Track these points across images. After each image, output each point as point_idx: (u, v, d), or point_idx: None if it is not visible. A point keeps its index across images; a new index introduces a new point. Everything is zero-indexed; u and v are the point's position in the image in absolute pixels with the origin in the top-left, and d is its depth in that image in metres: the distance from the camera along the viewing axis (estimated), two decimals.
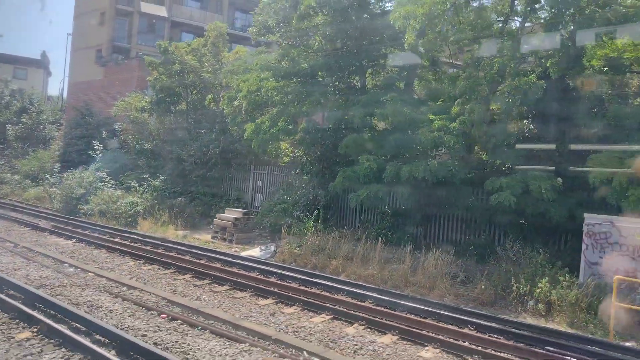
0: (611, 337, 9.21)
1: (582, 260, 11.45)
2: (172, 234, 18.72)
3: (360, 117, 14.68)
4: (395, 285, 12.23)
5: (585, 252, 11.47)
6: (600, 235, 11.37)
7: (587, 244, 11.50)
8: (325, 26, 16.17)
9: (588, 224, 11.54)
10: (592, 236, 11.46)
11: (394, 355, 7.63)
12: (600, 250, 11.34)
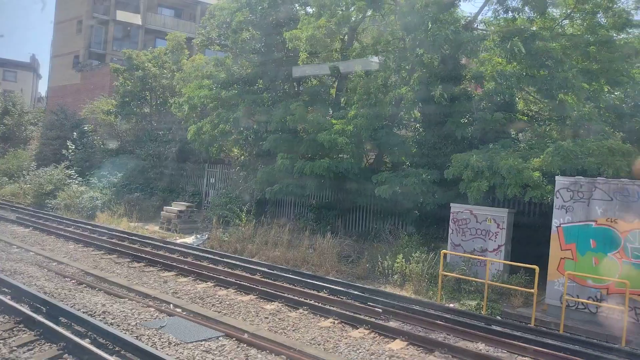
0: (439, 299, 11.35)
1: (449, 242, 13.58)
2: (125, 225, 20.78)
3: (277, 121, 16.82)
4: (295, 265, 14.38)
5: (450, 236, 13.62)
6: (462, 221, 13.50)
7: (452, 228, 13.64)
8: (253, 41, 18.30)
9: (453, 212, 13.68)
10: (456, 222, 13.59)
11: (243, 307, 9.77)
12: (462, 233, 13.46)
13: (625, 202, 9.80)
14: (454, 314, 10.35)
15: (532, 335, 9.10)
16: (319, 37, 13.46)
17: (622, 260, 9.72)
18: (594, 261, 10.04)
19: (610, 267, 9.82)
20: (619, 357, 8.10)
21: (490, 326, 9.47)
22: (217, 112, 19.27)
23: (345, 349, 7.86)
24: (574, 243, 10.35)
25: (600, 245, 10.00)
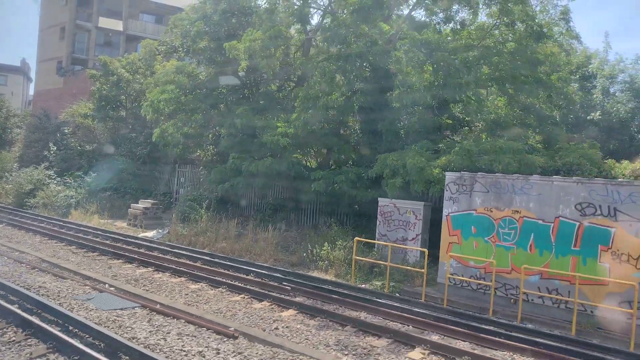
0: (352, 281, 12.90)
1: (377, 232, 15.11)
2: (95, 222, 22.30)
3: (229, 124, 18.36)
4: (239, 254, 15.92)
5: (378, 227, 15.16)
6: (387, 213, 15.04)
7: (379, 220, 15.19)
8: (209, 50, 19.84)
9: (380, 205, 15.23)
10: (382, 214, 15.13)
11: (170, 287, 11.31)
12: (388, 224, 15.00)
13: (498, 194, 11.38)
14: (359, 292, 11.89)
15: (410, 306, 10.64)
16: (256, 49, 15.01)
17: (496, 243, 11.30)
18: (475, 245, 11.62)
19: (487, 250, 11.40)
20: (480, 324, 9.61)
21: (380, 299, 11.01)
22: (179, 115, 20.81)
23: (242, 316, 9.41)
24: (459, 229, 11.93)
25: (479, 231, 11.58)
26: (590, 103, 24.09)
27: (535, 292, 10.63)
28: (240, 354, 7.14)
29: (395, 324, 9.51)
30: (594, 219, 10.06)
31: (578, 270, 10.08)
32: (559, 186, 10.58)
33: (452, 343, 8.49)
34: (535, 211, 10.83)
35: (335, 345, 8.07)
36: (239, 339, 8.00)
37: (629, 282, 9.26)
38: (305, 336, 8.43)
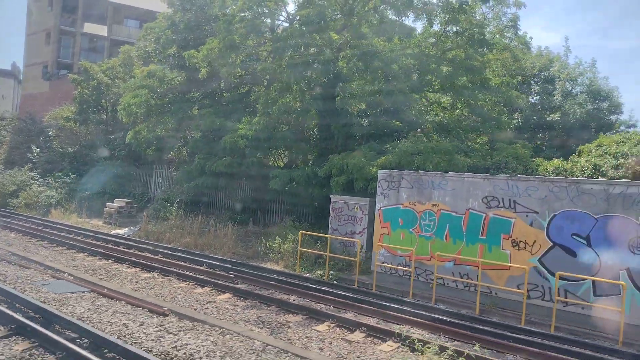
0: (298, 270, 14.05)
1: (329, 227, 16.26)
2: (73, 220, 23.39)
3: (194, 126, 19.51)
4: (201, 249, 17.05)
5: (330, 222, 16.30)
6: (338, 209, 16.16)
7: (332, 216, 16.32)
8: (178, 57, 20.98)
9: (333, 202, 16.36)
10: (334, 210, 16.27)
11: (124, 276, 12.43)
12: (339, 219, 16.13)
13: (420, 189, 12.58)
14: (300, 279, 13.05)
15: (338, 290, 11.80)
16: (213, 57, 16.17)
17: (418, 234, 12.50)
18: (402, 235, 12.81)
19: (411, 240, 12.59)
20: (390, 303, 10.77)
21: (313, 285, 12.17)
22: (151, 118, 21.95)
23: (180, 299, 10.56)
24: (389, 222, 13.13)
25: (405, 222, 12.77)
26: (550, 105, 25.40)
27: (450, 277, 11.83)
28: (162, 325, 8.29)
29: (318, 305, 10.66)
30: (497, 210, 11.27)
31: (485, 256, 11.29)
32: (469, 182, 11.78)
33: (359, 319, 9.66)
34: (450, 204, 12.03)
35: (254, 321, 9.23)
36: (170, 316, 9.15)
37: (521, 266, 10.47)
38: (230, 314, 9.60)
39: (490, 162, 15.31)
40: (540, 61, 27.59)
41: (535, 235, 10.66)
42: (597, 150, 14.06)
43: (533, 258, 10.66)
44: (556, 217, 10.39)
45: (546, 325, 9.86)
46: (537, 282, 10.52)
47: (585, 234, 10.02)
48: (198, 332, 8.23)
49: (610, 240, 9.71)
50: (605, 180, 10.43)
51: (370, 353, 7.94)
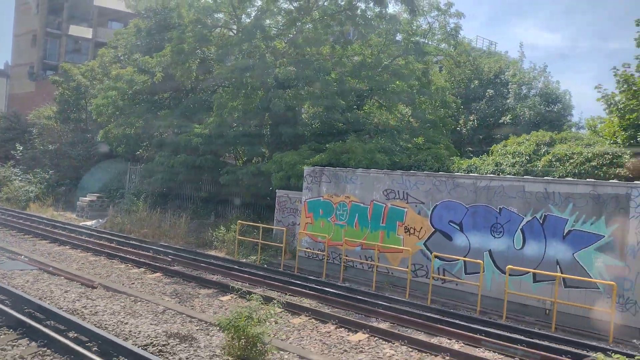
0: (236, 256, 15.69)
1: (275, 219, 17.88)
2: (49, 213, 25.01)
3: (157, 126, 21.14)
4: (158, 238, 18.67)
5: (276, 214, 17.91)
6: (283, 202, 17.76)
7: (277, 208, 17.92)
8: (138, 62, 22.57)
9: (278, 196, 17.96)
10: (279, 203, 17.87)
11: (74, 259, 14.05)
12: (283, 212, 17.75)
13: (337, 183, 14.22)
14: (234, 264, 14.67)
15: (260, 271, 13.43)
16: (166, 63, 17.82)
17: (335, 222, 14.14)
18: (322, 224, 14.46)
19: (329, 228, 14.24)
20: (295, 280, 12.40)
21: (238, 267, 13.81)
22: (120, 118, 23.56)
23: (114, 276, 12.19)
24: (312, 212, 14.77)
25: (325, 213, 14.42)
26: (504, 107, 27.06)
27: (358, 260, 13.48)
28: (84, 294, 9.93)
29: (235, 282, 12.29)
30: (394, 201, 12.92)
31: (384, 241, 12.94)
32: (374, 177, 13.43)
33: (266, 293, 11.29)
34: (359, 196, 13.67)
35: (170, 293, 10.87)
36: (98, 288, 10.78)
37: (406, 248, 12.12)
38: (151, 288, 11.24)
39: (412, 161, 16.98)
40: (496, 66, 29.26)
41: (421, 223, 12.31)
42: (502, 150, 15.69)
43: (420, 242, 12.31)
44: (437, 207, 12.05)
45: (425, 299, 11.51)
46: (423, 262, 12.17)
47: (458, 221, 11.67)
48: (114, 299, 9.87)
49: (477, 226, 11.36)
50: (474, 175, 12.09)
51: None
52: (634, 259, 9.33)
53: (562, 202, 10.15)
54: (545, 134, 15.10)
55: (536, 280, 10.36)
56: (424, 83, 19.87)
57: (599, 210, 9.73)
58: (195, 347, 7.23)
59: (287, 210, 17.68)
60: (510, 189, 10.87)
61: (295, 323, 9.26)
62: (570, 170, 13.36)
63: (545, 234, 10.33)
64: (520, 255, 10.65)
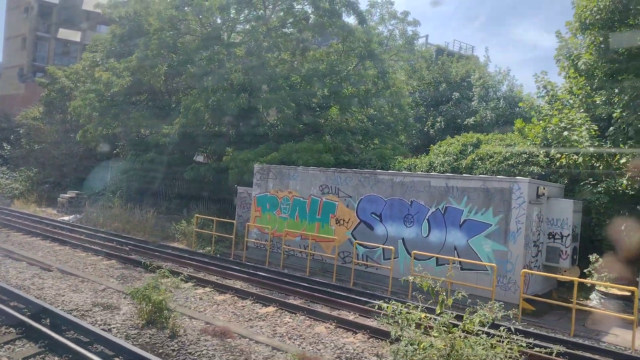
0: (194, 247, 17.02)
1: (236, 214, 19.21)
2: (32, 209, 26.35)
3: (130, 126, 22.50)
4: (128, 232, 20.01)
5: (237, 209, 19.26)
6: (243, 198, 19.12)
7: (238, 204, 19.29)
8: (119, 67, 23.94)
9: (239, 192, 19.33)
10: (240, 199, 19.23)
11: (40, 247, 15.39)
12: (243, 207, 19.09)
13: (281, 180, 15.57)
14: (189, 253, 16.00)
15: (215, 261, 14.78)
16: (134, 68, 19.19)
17: (279, 215, 15.49)
18: (268, 217, 15.80)
19: (274, 220, 15.58)
20: (233, 266, 13.74)
21: (188, 255, 15.14)
22: (96, 118, 24.90)
23: (73, 262, 13.52)
24: (261, 207, 16.12)
25: (271, 207, 15.76)
26: (470, 109, 28.42)
27: (297, 249, 14.82)
28: (38, 274, 11.28)
29: (182, 268, 13.61)
30: (328, 196, 14.26)
31: (320, 232, 14.28)
32: (312, 174, 14.78)
33: (206, 276, 12.62)
34: (299, 191, 15.02)
35: (117, 277, 12.21)
36: (54, 271, 12.10)
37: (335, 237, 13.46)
38: (102, 272, 12.58)
39: (358, 159, 18.34)
40: (463, 70, 30.64)
41: (349, 214, 13.66)
42: (437, 149, 17.03)
43: (348, 232, 13.67)
44: (362, 200, 13.40)
45: (349, 282, 12.85)
46: (350, 250, 13.51)
47: (379, 213, 13.02)
48: (64, 279, 11.22)
49: (393, 217, 12.71)
50: (391, 172, 13.47)
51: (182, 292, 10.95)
52: (514, 244, 10.68)
53: (459, 195, 11.50)
54: (473, 136, 16.45)
55: (439, 264, 11.70)
56: (380, 87, 21.21)
57: (487, 202, 11.08)
58: (115, 313, 8.58)
59: (247, 205, 18.99)
60: (419, 184, 12.22)
61: (218, 299, 10.61)
62: (489, 168, 14.73)
63: (446, 223, 11.68)
64: (426, 242, 12.00)
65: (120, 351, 6.59)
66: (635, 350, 8.77)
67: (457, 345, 4.76)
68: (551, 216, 11.62)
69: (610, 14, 11.56)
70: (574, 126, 12.50)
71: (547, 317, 10.79)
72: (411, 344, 4.97)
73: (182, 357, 6.79)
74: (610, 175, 12.20)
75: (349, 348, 7.88)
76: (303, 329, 8.84)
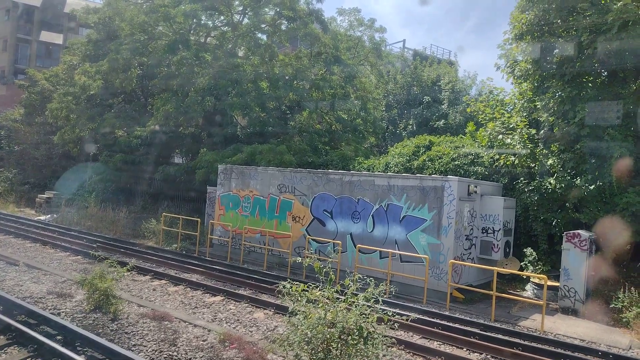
0: (160, 244, 17.72)
1: (206, 212, 19.90)
2: (10, 209, 26.80)
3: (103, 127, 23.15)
4: (97, 230, 20.63)
5: (207, 208, 19.94)
6: (212, 198, 19.77)
7: (207, 203, 19.93)
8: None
9: (208, 192, 19.96)
10: (209, 199, 19.85)
11: (11, 245, 15.99)
12: (212, 206, 19.77)
13: (243, 179, 16.35)
14: (155, 250, 16.70)
15: (178, 257, 15.50)
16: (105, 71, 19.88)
17: (241, 213, 16.27)
18: (231, 215, 16.57)
19: (237, 218, 16.35)
20: (196, 261, 14.49)
21: (152, 252, 15.85)
22: (72, 120, 25.50)
23: (40, 258, 14.17)
24: (224, 205, 16.88)
25: (234, 205, 16.54)
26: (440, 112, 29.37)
27: (257, 245, 15.60)
28: (3, 268, 11.93)
29: (145, 264, 14.32)
30: (285, 194, 15.07)
31: (277, 228, 15.08)
32: (271, 174, 15.58)
33: (165, 270, 13.34)
34: (259, 190, 15.82)
35: (80, 270, 12.88)
36: (20, 265, 12.75)
37: (289, 234, 14.27)
38: (65, 266, 13.25)
39: (322, 160, 19.17)
40: (434, 74, 31.65)
41: (304, 212, 14.48)
42: (394, 151, 17.93)
43: (303, 228, 14.48)
44: (315, 198, 14.22)
45: (301, 275, 13.65)
46: (304, 245, 14.32)
47: (330, 210, 13.86)
48: (28, 273, 11.89)
49: (342, 213, 13.55)
50: (342, 171, 14.31)
51: (137, 284, 11.67)
52: (446, 237, 11.56)
53: (399, 193, 12.37)
54: (426, 138, 17.37)
55: (382, 257, 12.55)
56: (347, 91, 22.07)
57: (423, 199, 11.96)
58: (67, 301, 9.30)
59: (214, 204, 19.76)
60: (365, 183, 13.08)
61: (171, 290, 11.37)
62: (438, 168, 15.64)
63: (388, 219, 12.54)
64: (371, 236, 12.85)
65: (62, 330, 7.33)
66: (544, 332, 9.68)
67: (338, 315, 5.64)
68: (484, 212, 12.54)
69: (540, 26, 12.52)
70: (509, 130, 13.44)
71: (478, 305, 11.67)
72: (304, 317, 5.81)
73: (118, 336, 7.54)
74: (541, 175, 13.15)
75: (279, 329, 8.69)
76: (243, 315, 9.63)
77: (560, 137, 12.35)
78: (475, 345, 8.62)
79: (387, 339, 6.04)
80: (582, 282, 11.06)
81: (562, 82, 12.46)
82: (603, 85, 12.60)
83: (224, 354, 7.25)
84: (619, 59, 11.53)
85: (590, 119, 11.93)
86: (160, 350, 7.27)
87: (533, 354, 8.26)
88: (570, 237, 11.18)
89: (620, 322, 10.56)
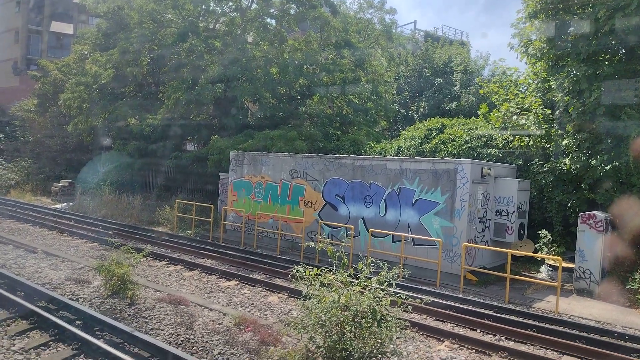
0: (175, 231, 17.92)
1: (219, 199, 20.06)
2: (27, 198, 27.30)
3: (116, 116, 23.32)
4: (116, 218, 20.92)
5: (220, 194, 20.10)
6: (225, 185, 19.95)
7: (220, 189, 20.13)
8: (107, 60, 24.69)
9: (221, 178, 20.17)
10: (222, 185, 20.07)
11: (29, 233, 16.31)
12: (224, 192, 19.94)
13: (255, 165, 16.39)
14: (171, 237, 16.90)
15: (193, 242, 15.67)
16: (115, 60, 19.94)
17: (253, 199, 16.34)
18: (244, 201, 16.66)
19: (249, 204, 16.44)
20: (208, 246, 14.63)
21: (167, 238, 16.04)
22: (84, 110, 25.71)
23: (58, 245, 14.43)
24: (237, 191, 16.97)
25: (246, 191, 16.61)
26: (452, 95, 29.03)
27: (270, 230, 15.70)
28: (21, 255, 12.19)
29: (160, 250, 14.51)
30: (297, 180, 15.09)
31: (290, 213, 15.13)
32: (282, 159, 15.59)
33: (180, 256, 13.51)
34: (271, 176, 15.85)
35: (95, 256, 13.10)
36: (38, 253, 13.02)
37: (302, 218, 14.30)
38: (83, 253, 13.49)
39: (333, 145, 19.12)
40: (445, 55, 31.20)
41: (316, 197, 14.50)
42: (406, 134, 17.78)
43: (315, 213, 14.52)
44: (327, 183, 14.22)
45: (314, 259, 13.72)
46: (317, 230, 14.37)
47: (342, 194, 13.85)
48: (46, 260, 12.13)
49: (355, 198, 13.54)
50: (353, 156, 14.28)
51: (153, 269, 11.84)
52: (459, 220, 11.50)
53: (412, 176, 12.30)
54: (439, 121, 17.19)
55: (394, 240, 12.55)
56: (358, 75, 21.86)
57: (436, 182, 11.88)
58: (85, 286, 9.49)
59: (227, 190, 19.88)
60: (377, 167, 13.02)
61: (186, 275, 11.52)
62: (451, 150, 15.50)
63: (401, 202, 12.50)
64: (383, 220, 12.84)
65: (81, 315, 7.49)
66: (559, 314, 9.64)
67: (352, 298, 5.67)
68: (498, 195, 12.42)
69: (554, 4, 12.22)
70: (523, 110, 13.23)
71: (492, 288, 11.65)
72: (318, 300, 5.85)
73: (135, 320, 7.69)
74: (556, 155, 12.96)
75: (293, 313, 8.78)
76: (257, 298, 9.73)
77: (575, 116, 12.13)
78: (489, 327, 8.62)
79: (400, 322, 6.07)
80: (597, 264, 10.96)
81: (577, 61, 12.19)
82: (620, 63, 12.30)
83: (239, 337, 7.36)
84: (638, 36, 11.22)
85: (606, 98, 11.68)
86: (177, 333, 7.40)
87: (548, 335, 8.24)
88: (585, 219, 11.05)
89: (636, 303, 10.47)
